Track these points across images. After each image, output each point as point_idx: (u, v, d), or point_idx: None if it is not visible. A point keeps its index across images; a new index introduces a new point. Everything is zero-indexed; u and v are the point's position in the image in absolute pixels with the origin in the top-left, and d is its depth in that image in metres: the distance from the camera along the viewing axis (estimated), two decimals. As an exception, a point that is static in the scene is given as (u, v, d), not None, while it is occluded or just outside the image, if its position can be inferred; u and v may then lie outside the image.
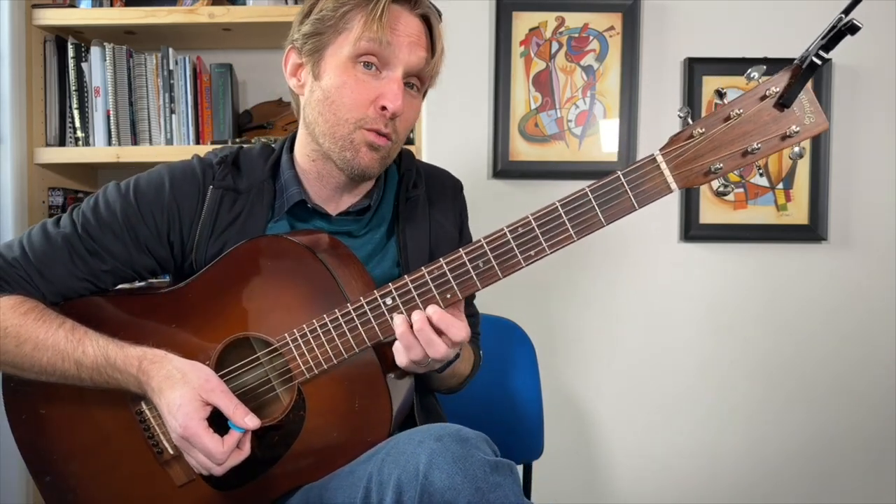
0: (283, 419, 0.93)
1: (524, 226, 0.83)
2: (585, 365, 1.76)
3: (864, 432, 1.76)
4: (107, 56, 1.68)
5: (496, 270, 0.85)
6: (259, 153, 1.06)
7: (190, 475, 0.95)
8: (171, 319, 0.96)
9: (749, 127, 0.78)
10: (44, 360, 0.92)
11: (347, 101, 0.94)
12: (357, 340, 0.89)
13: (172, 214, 0.99)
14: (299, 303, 0.92)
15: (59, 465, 0.98)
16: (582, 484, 1.78)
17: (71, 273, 0.97)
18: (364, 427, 0.91)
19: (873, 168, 1.73)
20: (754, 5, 1.70)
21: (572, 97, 1.70)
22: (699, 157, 0.79)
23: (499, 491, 0.75)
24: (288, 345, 0.91)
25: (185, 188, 1.00)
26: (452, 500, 0.73)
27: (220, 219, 0.99)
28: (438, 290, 0.86)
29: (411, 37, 0.95)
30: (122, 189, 1.00)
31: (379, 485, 0.78)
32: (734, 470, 1.78)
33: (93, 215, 0.98)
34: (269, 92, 1.86)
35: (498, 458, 0.78)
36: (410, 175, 1.09)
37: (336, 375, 0.92)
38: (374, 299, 0.88)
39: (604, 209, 0.81)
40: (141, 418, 0.96)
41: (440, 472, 0.74)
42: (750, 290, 1.75)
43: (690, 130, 0.79)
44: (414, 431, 0.82)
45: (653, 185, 0.80)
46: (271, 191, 1.02)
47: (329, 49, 0.96)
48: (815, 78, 1.69)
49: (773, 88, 0.77)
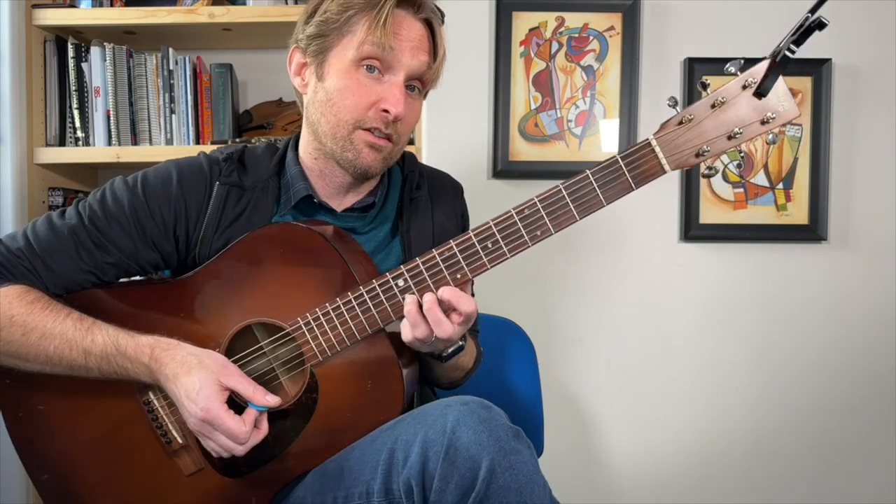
0: (295, 402, 0.93)
1: (530, 207, 0.88)
2: (585, 364, 1.76)
3: (864, 432, 1.76)
4: (107, 56, 1.67)
5: (504, 250, 0.89)
6: (264, 151, 1.08)
7: (199, 464, 0.96)
8: (178, 309, 0.97)
9: (732, 112, 0.85)
10: (50, 350, 0.91)
11: (349, 104, 0.96)
12: (370, 322, 0.91)
13: (179, 209, 1.00)
14: (312, 287, 0.93)
15: (58, 463, 0.98)
16: (582, 483, 1.78)
17: (76, 265, 0.97)
18: (376, 407, 0.92)
19: (873, 168, 1.73)
20: (754, 5, 1.70)
21: (572, 97, 1.70)
22: (689, 140, 0.86)
23: (519, 456, 0.79)
24: (301, 328, 0.92)
25: (193, 183, 1.01)
26: (477, 454, 0.77)
27: (226, 214, 1.00)
28: (449, 270, 0.89)
29: (413, 41, 0.96)
30: (129, 183, 1.00)
31: (405, 444, 0.81)
32: (734, 469, 1.78)
33: (100, 208, 0.99)
34: (269, 92, 1.86)
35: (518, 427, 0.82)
36: (414, 177, 1.11)
37: (348, 357, 0.93)
38: (387, 281, 0.90)
39: (604, 190, 0.87)
40: (149, 408, 0.96)
41: (467, 430, 0.78)
42: (750, 291, 1.75)
43: (680, 117, 0.86)
44: (439, 401, 0.86)
45: (649, 167, 0.87)
46: (276, 187, 1.04)
47: (333, 51, 0.97)
48: (815, 77, 1.70)
49: (750, 79, 0.84)
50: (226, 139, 1.71)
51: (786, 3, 1.69)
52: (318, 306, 0.91)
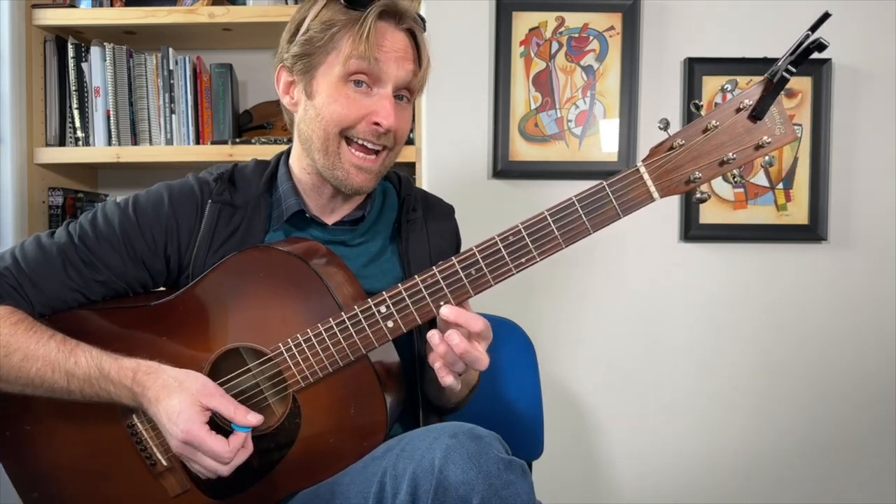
0: (278, 427, 0.93)
1: (514, 234, 0.86)
2: (585, 364, 1.76)
3: (865, 432, 1.76)
4: (107, 56, 1.68)
5: (488, 278, 0.87)
6: (253, 170, 1.09)
7: (184, 485, 0.96)
8: (161, 331, 0.97)
9: (725, 137, 0.82)
10: (32, 371, 0.91)
11: (340, 113, 0.97)
12: (352, 349, 0.90)
13: (171, 229, 1.01)
14: (292, 312, 0.92)
15: (46, 482, 0.98)
16: (582, 483, 1.78)
17: (63, 283, 0.97)
18: (360, 432, 0.92)
19: (873, 168, 1.73)
20: (754, 5, 1.70)
21: (572, 97, 1.70)
22: (679, 167, 0.83)
23: (511, 488, 0.77)
24: (282, 354, 0.91)
25: (184, 204, 1.02)
26: (467, 494, 0.75)
27: (219, 233, 1.01)
28: (432, 297, 0.88)
29: (399, 52, 0.97)
30: (121, 205, 1.02)
31: (394, 479, 0.80)
32: (734, 469, 1.78)
33: (90, 227, 0.99)
34: (269, 92, 1.86)
35: (511, 457, 0.80)
36: (410, 200, 1.13)
37: (330, 382, 0.93)
38: (369, 307, 0.89)
39: (590, 217, 0.85)
40: (133, 431, 0.96)
41: (455, 467, 0.76)
42: (750, 291, 1.75)
43: (671, 142, 0.83)
44: (428, 429, 0.84)
45: (636, 195, 0.84)
46: (267, 204, 1.05)
47: (320, 69, 0.99)
48: (815, 78, 1.70)
49: (746, 101, 0.81)
50: (226, 139, 1.71)
51: (786, 3, 1.69)
52: (300, 332, 0.91)
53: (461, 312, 0.86)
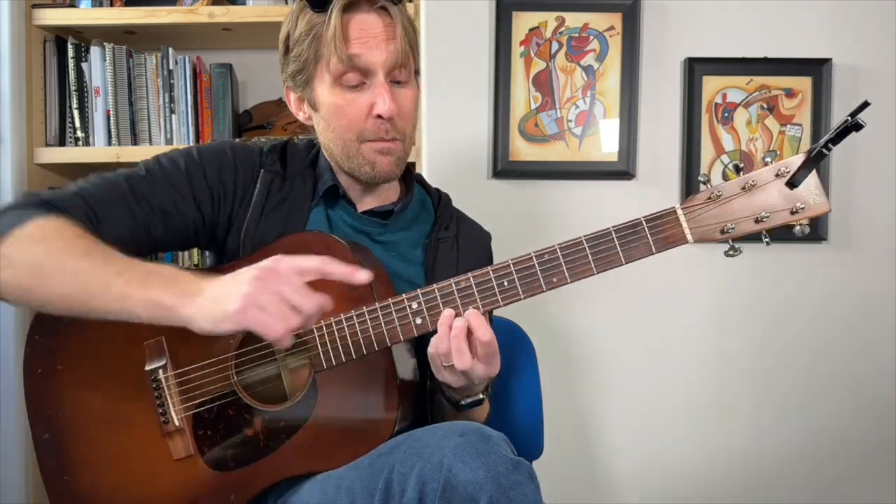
0: (294, 405, 0.94)
1: (550, 253, 0.91)
2: (585, 364, 1.76)
3: (865, 432, 1.76)
4: (107, 56, 1.68)
5: (518, 290, 0.92)
6: (304, 146, 1.12)
7: (189, 451, 0.97)
8: None
9: (762, 197, 0.89)
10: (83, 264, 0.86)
11: (345, 123, 1.00)
12: (378, 338, 0.92)
13: (227, 176, 1.03)
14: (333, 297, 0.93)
15: (62, 424, 1.00)
16: (582, 484, 1.78)
17: (128, 213, 0.96)
18: (368, 426, 0.93)
19: (873, 168, 1.73)
20: (754, 5, 1.70)
21: (572, 97, 1.70)
22: (716, 216, 0.90)
23: (520, 489, 0.77)
24: (312, 333, 0.93)
25: (244, 161, 1.05)
26: (475, 493, 0.75)
27: (270, 200, 1.04)
28: (462, 301, 0.91)
29: (378, 35, 0.97)
30: (183, 150, 1.05)
31: (401, 476, 0.80)
32: (734, 470, 1.77)
33: (155, 163, 1.02)
34: (269, 92, 1.86)
35: (519, 458, 0.81)
36: (445, 218, 1.14)
37: (350, 370, 0.94)
38: (401, 301, 0.92)
39: (624, 249, 0.91)
40: (156, 384, 0.97)
41: (464, 466, 0.76)
42: (750, 290, 1.74)
43: (709, 192, 0.89)
44: (435, 427, 0.85)
45: (671, 234, 0.91)
46: (312, 176, 1.08)
47: (315, 81, 1.01)
48: (815, 77, 1.70)
49: (784, 168, 0.88)
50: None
51: (786, 3, 1.69)
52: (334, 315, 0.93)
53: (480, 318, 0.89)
